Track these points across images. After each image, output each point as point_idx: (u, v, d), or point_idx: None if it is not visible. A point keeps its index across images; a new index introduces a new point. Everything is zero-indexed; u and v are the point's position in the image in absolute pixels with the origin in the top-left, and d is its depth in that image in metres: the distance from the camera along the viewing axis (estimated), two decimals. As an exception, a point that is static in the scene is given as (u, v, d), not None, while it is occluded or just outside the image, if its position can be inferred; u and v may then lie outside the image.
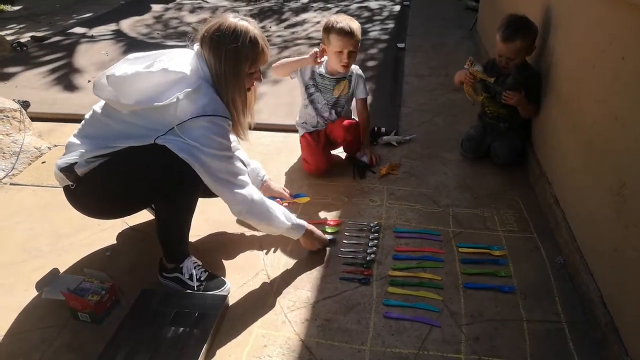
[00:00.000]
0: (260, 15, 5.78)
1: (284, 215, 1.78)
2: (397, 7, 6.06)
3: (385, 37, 4.86)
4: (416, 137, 2.86)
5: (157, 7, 6.17)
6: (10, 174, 2.49)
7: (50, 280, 1.73)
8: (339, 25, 2.24)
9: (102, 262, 1.90)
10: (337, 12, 5.77)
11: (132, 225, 2.11)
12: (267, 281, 1.82)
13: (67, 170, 1.60)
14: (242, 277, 1.84)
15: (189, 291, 1.72)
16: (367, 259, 1.90)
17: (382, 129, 2.87)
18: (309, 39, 4.77)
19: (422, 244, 2.00)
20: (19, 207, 2.27)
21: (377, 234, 2.04)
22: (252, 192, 1.67)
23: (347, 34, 2.24)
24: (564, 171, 2.05)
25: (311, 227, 1.90)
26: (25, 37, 4.95)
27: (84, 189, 1.63)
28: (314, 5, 6.24)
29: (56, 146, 2.76)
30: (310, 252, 1.93)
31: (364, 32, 4.74)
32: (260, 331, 1.61)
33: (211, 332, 1.55)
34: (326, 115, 2.51)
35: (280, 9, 6.04)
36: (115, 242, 2.03)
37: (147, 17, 5.77)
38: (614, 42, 1.60)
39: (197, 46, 1.64)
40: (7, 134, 2.62)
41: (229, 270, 1.88)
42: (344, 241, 2.01)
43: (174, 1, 6.44)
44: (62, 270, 1.83)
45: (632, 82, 1.48)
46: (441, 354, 1.52)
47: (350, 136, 2.46)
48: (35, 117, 3.02)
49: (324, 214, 2.19)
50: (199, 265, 1.78)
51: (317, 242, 1.92)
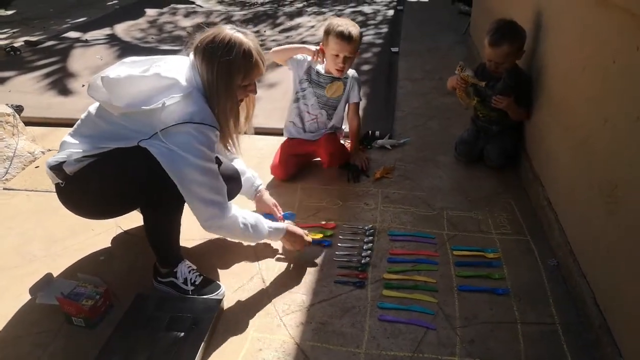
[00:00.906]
0: (254, 19, 5.79)
1: (258, 227, 1.72)
2: (391, 12, 6.09)
3: (379, 41, 4.89)
4: (410, 141, 2.87)
5: (151, 12, 6.17)
6: (3, 178, 2.48)
7: (44, 285, 1.72)
8: (339, 29, 2.23)
9: (96, 267, 1.90)
10: (332, 17, 5.80)
11: (126, 229, 2.10)
12: (262, 285, 1.82)
13: (56, 168, 1.60)
14: (236, 281, 1.84)
15: (183, 295, 1.72)
16: (362, 262, 1.91)
17: (376, 133, 2.88)
18: (304, 43, 4.77)
19: (416, 247, 2.00)
20: (13, 212, 2.26)
21: (371, 237, 2.04)
22: (226, 210, 1.63)
23: (344, 38, 2.24)
24: (556, 173, 2.06)
25: (291, 227, 1.87)
26: (19, 42, 4.93)
27: (72, 188, 1.62)
28: (308, 9, 6.26)
29: (50, 150, 2.75)
30: (298, 252, 1.91)
31: (358, 36, 4.74)
32: (255, 335, 1.61)
33: (206, 336, 1.54)
34: (316, 112, 2.49)
35: (274, 13, 6.05)
36: (109, 246, 2.03)
37: (142, 22, 5.77)
38: (603, 45, 1.62)
39: (191, 55, 1.63)
40: (0, 139, 2.61)
41: (223, 274, 1.88)
42: (339, 244, 2.02)
43: (168, 5, 6.45)
44: (56, 275, 1.82)
45: (621, 84, 1.49)
46: (436, 357, 1.52)
47: (335, 163, 2.50)
48: (28, 122, 3.01)
49: (318, 218, 2.19)
50: (193, 269, 1.77)
51: (298, 241, 1.87)
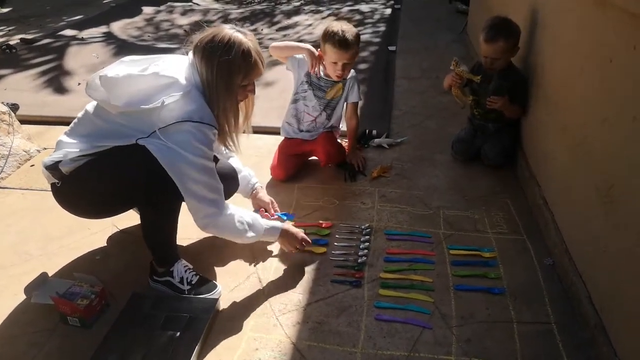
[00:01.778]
0: (252, 17, 5.77)
1: (254, 226, 1.71)
2: (389, 10, 6.08)
3: (376, 39, 4.88)
4: (407, 140, 2.87)
5: (148, 10, 6.15)
6: (-2, 177, 2.47)
7: (39, 284, 1.72)
8: (336, 37, 2.20)
9: (92, 266, 1.89)
10: (329, 15, 5.80)
11: (122, 228, 2.10)
12: (258, 284, 1.82)
13: (52, 168, 1.60)
14: (233, 280, 1.84)
15: (179, 295, 1.72)
16: (359, 261, 1.91)
17: (374, 132, 2.88)
18: (301, 41, 4.75)
19: (413, 247, 2.00)
20: (8, 210, 2.25)
21: (368, 237, 2.04)
22: (222, 209, 1.63)
23: (342, 47, 2.21)
24: (553, 173, 2.07)
25: (287, 226, 1.85)
26: (14, 40, 4.91)
27: (68, 187, 1.62)
28: (306, 8, 6.25)
29: (45, 149, 2.74)
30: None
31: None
32: (251, 334, 1.61)
33: (202, 335, 1.54)
34: (315, 115, 2.49)
35: (272, 12, 6.04)
36: (105, 245, 2.02)
37: (138, 20, 5.75)
38: (601, 45, 1.62)
39: (190, 54, 1.63)
40: (-5, 137, 2.60)
41: (220, 273, 1.87)
42: (335, 244, 2.02)
43: (165, 3, 6.43)
44: (51, 274, 1.82)
45: (619, 84, 1.49)
46: (432, 356, 1.52)
47: (332, 162, 2.52)
48: (24, 120, 3.00)
49: (315, 217, 2.19)
50: (189, 268, 1.77)
51: (294, 241, 1.84)
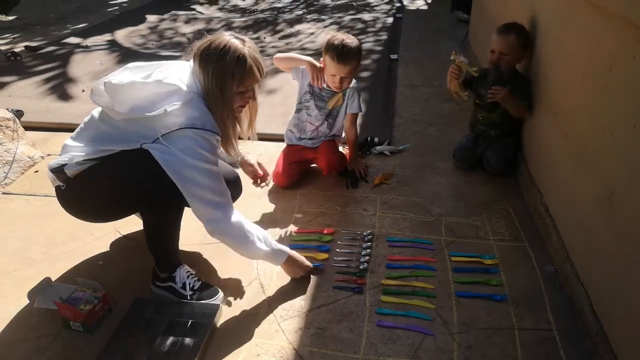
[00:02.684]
0: (254, 26, 5.81)
1: (264, 240, 1.70)
2: (390, 20, 6.12)
3: (378, 48, 4.91)
4: (409, 147, 2.88)
5: (152, 18, 6.20)
6: (2, 183, 2.49)
7: (42, 289, 1.72)
8: (337, 51, 2.20)
9: (95, 271, 1.90)
10: (331, 24, 5.83)
11: (125, 234, 2.11)
12: (261, 290, 1.82)
13: (57, 171, 1.61)
14: (235, 286, 1.84)
15: (182, 300, 1.72)
16: (360, 267, 1.91)
17: (375, 139, 2.89)
18: (303, 49, 4.80)
19: (414, 253, 2.01)
20: (12, 216, 2.26)
21: (370, 243, 2.05)
22: (230, 213, 1.63)
23: (341, 61, 2.22)
24: (554, 180, 2.07)
25: (294, 253, 1.82)
26: (19, 47, 4.95)
27: (73, 191, 1.63)
28: (308, 17, 6.29)
29: (49, 155, 2.75)
30: (293, 280, 1.85)
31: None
32: (253, 340, 1.61)
33: (204, 341, 1.54)
34: (317, 124, 2.51)
35: (274, 20, 6.08)
36: (108, 250, 2.03)
37: (142, 28, 5.80)
38: (600, 53, 1.63)
39: (191, 61, 1.65)
40: (0, 143, 2.61)
41: (222, 279, 1.88)
42: (337, 250, 2.02)
43: (169, 12, 6.48)
44: (54, 279, 1.82)
45: (619, 92, 1.50)
46: (434, 363, 1.53)
47: (334, 170, 2.52)
48: (28, 127, 3.01)
49: (317, 223, 2.20)
50: (192, 274, 1.78)
51: (299, 269, 1.83)
